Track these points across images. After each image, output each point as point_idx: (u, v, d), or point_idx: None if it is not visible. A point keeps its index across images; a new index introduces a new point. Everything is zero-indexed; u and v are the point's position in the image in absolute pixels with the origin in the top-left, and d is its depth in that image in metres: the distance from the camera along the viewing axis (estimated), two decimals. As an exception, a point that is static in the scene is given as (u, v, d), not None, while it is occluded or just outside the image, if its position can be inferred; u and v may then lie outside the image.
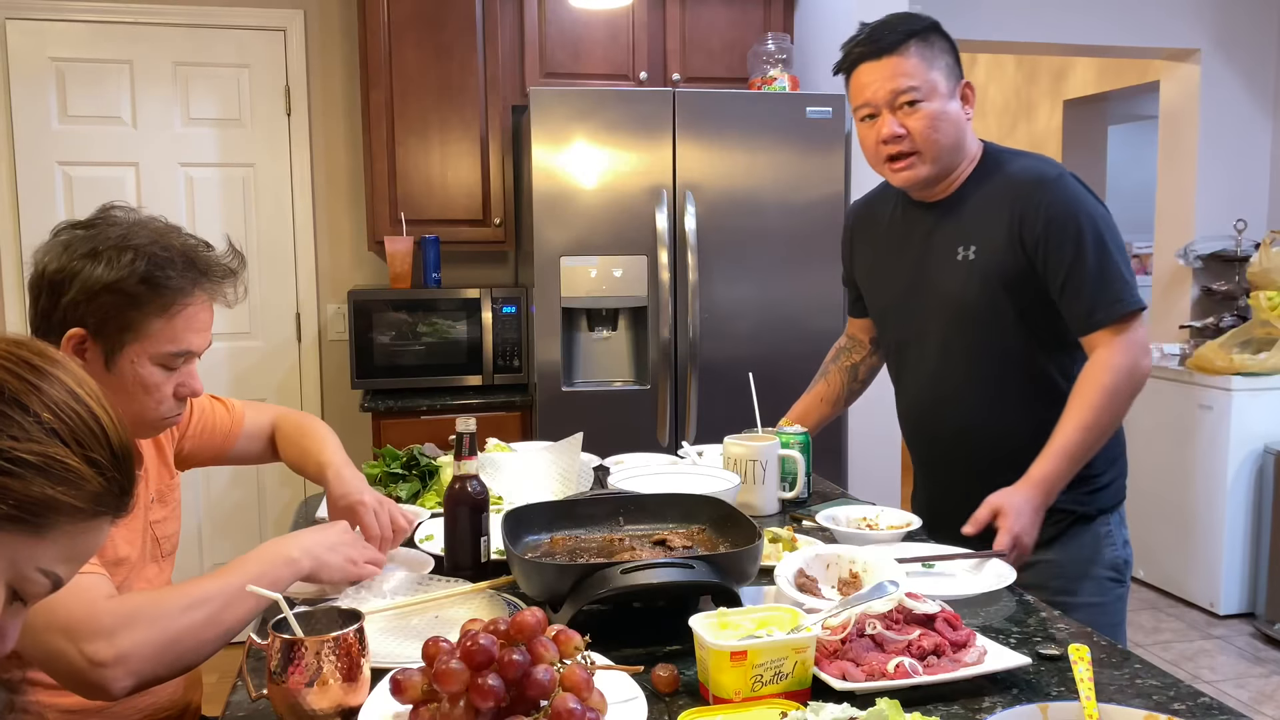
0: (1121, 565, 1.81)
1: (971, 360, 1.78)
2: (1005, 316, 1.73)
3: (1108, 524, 1.80)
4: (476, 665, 0.94)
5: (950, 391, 1.82)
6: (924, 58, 1.69)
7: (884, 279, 1.93)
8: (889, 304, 1.93)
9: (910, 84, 1.68)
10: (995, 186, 1.74)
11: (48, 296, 1.30)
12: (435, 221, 3.55)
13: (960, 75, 1.74)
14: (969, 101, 1.75)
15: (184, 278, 1.32)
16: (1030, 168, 1.74)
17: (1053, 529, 1.74)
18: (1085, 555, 1.77)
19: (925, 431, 1.92)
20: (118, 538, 1.38)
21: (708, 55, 3.70)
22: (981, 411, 1.79)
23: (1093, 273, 1.65)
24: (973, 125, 1.78)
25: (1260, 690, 3.39)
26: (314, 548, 1.32)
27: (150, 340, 1.31)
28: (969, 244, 1.74)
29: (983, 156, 1.78)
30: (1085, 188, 1.71)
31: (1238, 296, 4.27)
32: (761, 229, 3.24)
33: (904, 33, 1.69)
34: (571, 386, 3.24)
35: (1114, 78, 5.29)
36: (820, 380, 2.12)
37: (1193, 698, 1.09)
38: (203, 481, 3.77)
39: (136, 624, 1.12)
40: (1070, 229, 1.66)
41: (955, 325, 1.78)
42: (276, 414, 1.80)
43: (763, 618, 1.12)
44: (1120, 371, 1.64)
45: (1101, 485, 1.79)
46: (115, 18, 3.58)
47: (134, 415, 1.35)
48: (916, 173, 1.73)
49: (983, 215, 1.74)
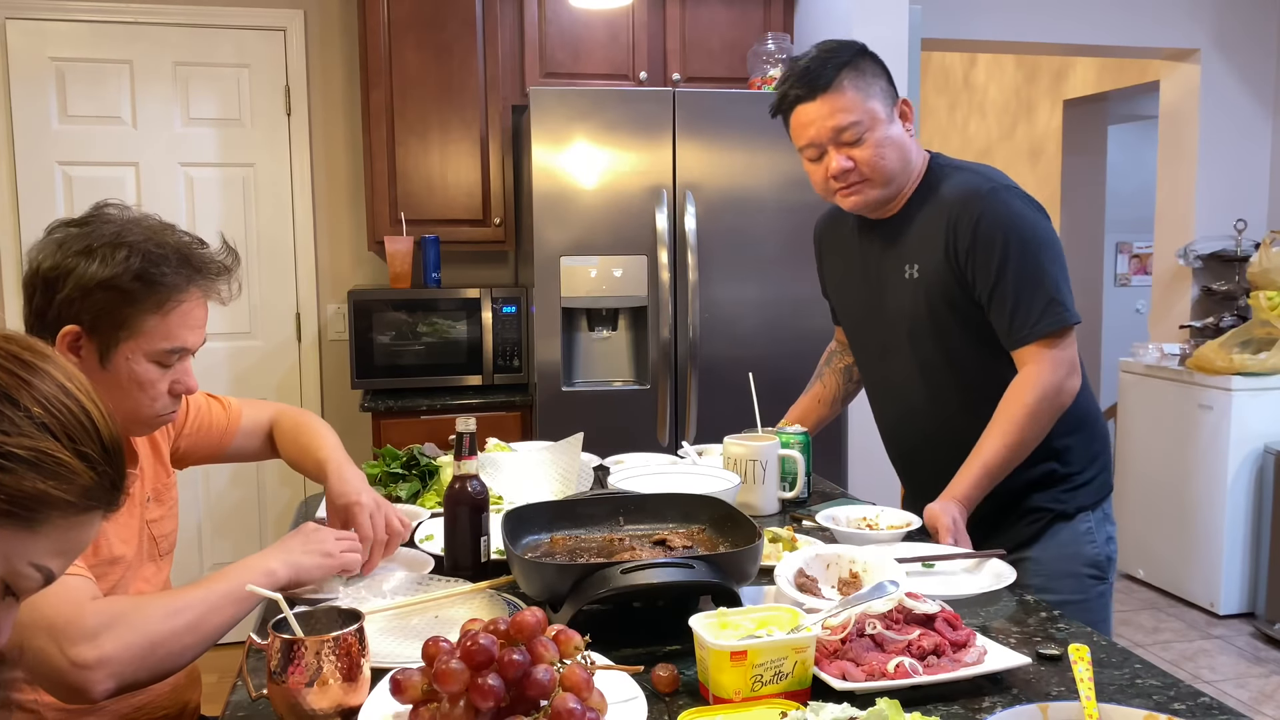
0: (1103, 562, 1.80)
1: (929, 374, 1.80)
2: (954, 332, 1.75)
3: (1088, 521, 1.80)
4: (476, 665, 0.94)
5: (915, 405, 1.84)
6: (859, 88, 1.69)
7: (848, 295, 1.97)
8: (854, 320, 1.97)
9: (851, 120, 1.68)
10: (934, 204, 1.75)
11: (42, 294, 1.30)
12: (435, 221, 3.55)
13: (895, 95, 1.74)
14: (908, 118, 1.76)
15: (178, 274, 1.32)
16: (964, 183, 1.74)
17: (1030, 528, 1.77)
18: (1065, 553, 1.77)
19: (897, 444, 1.95)
20: (113, 536, 1.38)
21: (708, 55, 3.70)
22: (946, 423, 1.80)
23: (1016, 287, 1.65)
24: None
25: (1260, 690, 3.39)
26: (288, 556, 1.33)
27: (145, 337, 1.32)
28: (913, 263, 1.77)
29: (927, 172, 1.78)
30: (1026, 201, 1.71)
31: (1238, 296, 4.27)
32: (761, 229, 3.24)
33: (835, 67, 1.69)
34: (571, 386, 3.24)
35: (1114, 78, 5.29)
36: (816, 382, 2.14)
37: (1193, 698, 1.09)
38: (202, 481, 3.77)
39: (120, 627, 1.13)
40: (996, 242, 1.66)
41: (911, 341, 1.80)
42: (275, 411, 1.80)
43: (763, 618, 1.12)
44: (1045, 389, 1.64)
45: (1081, 483, 1.79)
46: (115, 18, 3.58)
47: (129, 412, 1.35)
48: (866, 197, 1.75)
49: (922, 234, 1.76)
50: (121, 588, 1.39)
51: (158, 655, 1.16)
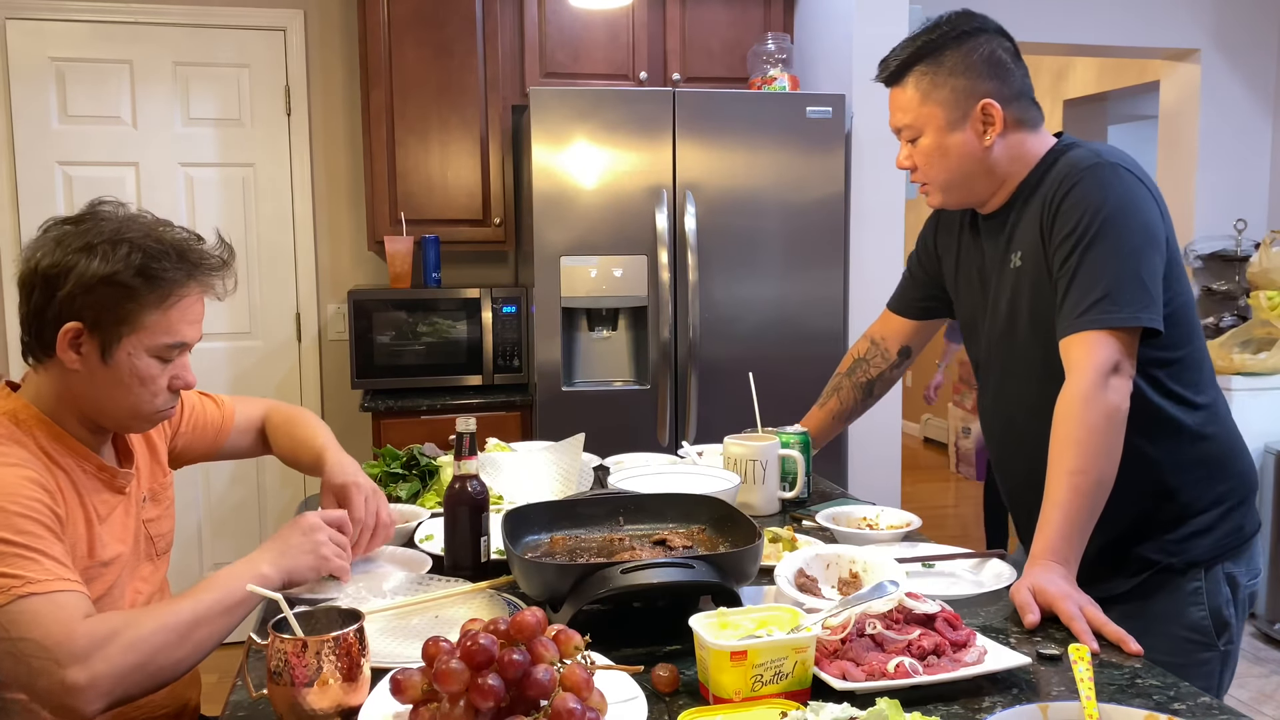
0: (1207, 628, 1.51)
1: (1035, 376, 1.56)
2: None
3: (1198, 579, 1.52)
4: (476, 665, 0.94)
5: (1017, 411, 1.64)
6: (922, 88, 1.56)
7: (962, 291, 1.76)
8: (964, 323, 1.77)
9: (905, 121, 1.59)
10: (1041, 186, 1.55)
11: (41, 292, 1.30)
12: (435, 221, 3.55)
13: (982, 94, 1.54)
14: (992, 123, 1.55)
15: (178, 270, 1.33)
16: (1073, 158, 1.52)
17: (1128, 582, 1.53)
18: (1158, 610, 1.51)
19: (1005, 477, 1.73)
20: (109, 536, 1.38)
21: (708, 55, 3.70)
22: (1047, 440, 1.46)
23: (1077, 270, 1.44)
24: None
25: (1260, 690, 3.39)
26: (278, 558, 1.32)
27: (146, 332, 1.32)
28: (1017, 250, 1.58)
29: (1040, 160, 1.58)
30: (1132, 183, 1.47)
31: (1238, 296, 4.27)
32: (761, 229, 3.24)
33: (911, 59, 1.57)
34: (571, 386, 3.24)
35: (1114, 78, 5.29)
36: (833, 396, 2.02)
37: (1193, 698, 1.09)
38: (203, 481, 3.77)
39: (110, 647, 1.13)
40: (1076, 217, 1.45)
41: (1015, 338, 1.60)
42: (267, 407, 1.81)
43: (763, 618, 1.12)
44: (1071, 400, 1.39)
45: (1194, 530, 1.52)
46: (115, 17, 3.58)
47: (130, 408, 1.36)
48: (931, 199, 1.65)
49: (1025, 218, 1.57)
50: (119, 587, 1.39)
51: (148, 671, 1.17)
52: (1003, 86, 1.56)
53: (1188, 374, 1.54)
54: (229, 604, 1.24)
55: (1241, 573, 1.56)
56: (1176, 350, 1.52)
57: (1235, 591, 1.55)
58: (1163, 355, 1.50)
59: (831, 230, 3.27)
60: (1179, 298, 1.51)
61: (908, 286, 1.93)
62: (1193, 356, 1.55)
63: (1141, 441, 1.47)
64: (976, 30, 1.57)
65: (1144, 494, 1.48)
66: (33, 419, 1.33)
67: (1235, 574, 1.55)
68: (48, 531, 1.21)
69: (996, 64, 1.56)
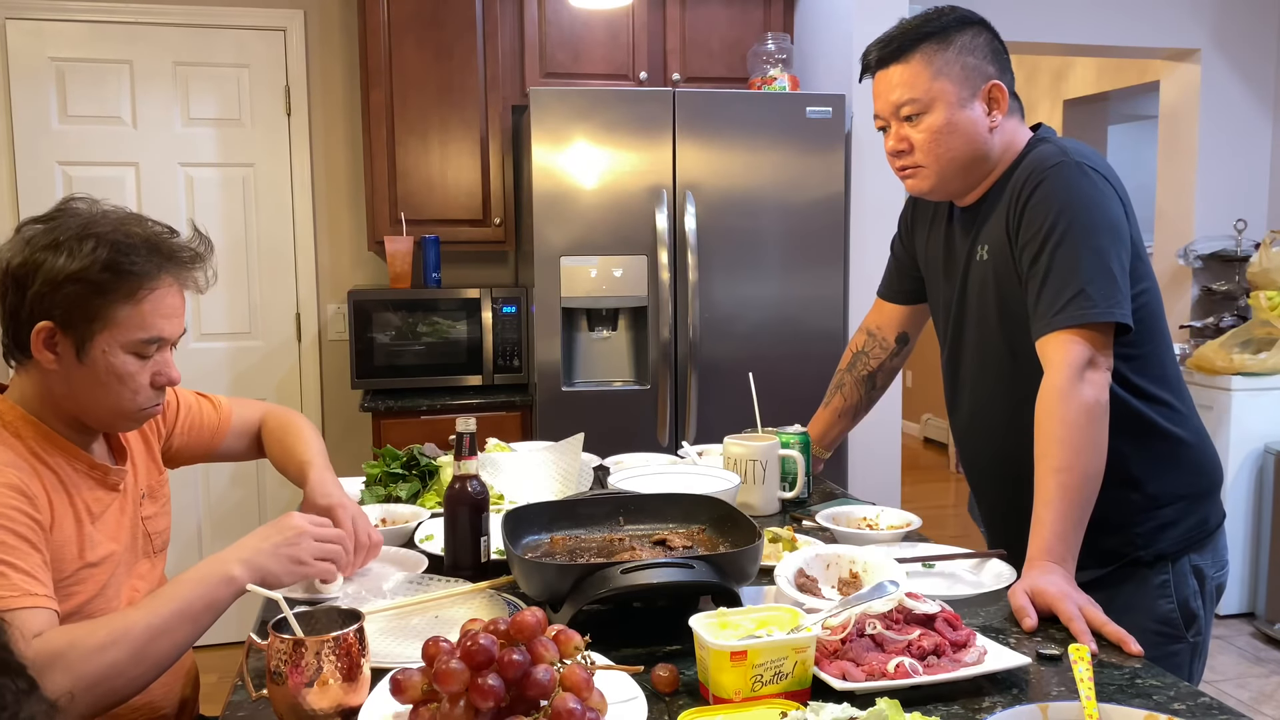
0: (1175, 620, 1.53)
1: (1001, 368, 1.61)
2: (1022, 320, 1.53)
3: (1165, 573, 1.54)
4: (476, 665, 0.94)
5: (983, 400, 1.67)
6: (931, 63, 1.54)
7: (933, 279, 1.78)
8: (935, 309, 1.80)
9: (910, 96, 1.55)
10: (1010, 181, 1.57)
11: (14, 292, 1.29)
12: (435, 221, 3.55)
13: (989, 75, 1.56)
14: (998, 105, 1.56)
15: (149, 262, 1.31)
16: (1040, 154, 1.54)
17: (1093, 573, 1.50)
18: (1125, 603, 1.50)
19: (966, 456, 1.77)
20: (100, 535, 1.37)
21: (708, 55, 3.70)
22: (1015, 434, 1.54)
23: (1048, 269, 1.45)
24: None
25: (1260, 690, 3.39)
26: (254, 558, 1.28)
27: (119, 328, 1.30)
28: (984, 244, 1.60)
29: (1018, 155, 1.59)
30: (1098, 180, 1.50)
31: (1238, 296, 4.27)
32: (761, 229, 3.24)
33: (918, 35, 1.56)
34: (571, 386, 3.24)
35: (1114, 78, 5.29)
36: (836, 394, 2.02)
37: (1193, 698, 1.09)
38: (202, 481, 3.77)
39: (54, 671, 1.10)
40: (1043, 216, 1.47)
41: (980, 331, 1.64)
42: (263, 411, 1.81)
43: (763, 618, 1.12)
44: (1049, 397, 1.41)
45: (1160, 523, 1.54)
46: (115, 18, 3.58)
47: (112, 407, 1.34)
48: (919, 185, 1.62)
49: (994, 212, 1.59)
50: (113, 586, 1.38)
51: (97, 693, 1.13)
52: (1003, 74, 1.59)
53: (1151, 369, 1.55)
54: (194, 611, 1.20)
55: (1208, 565, 1.58)
56: (1140, 346, 1.53)
57: (1202, 584, 1.57)
58: (1127, 351, 1.51)
59: (831, 230, 3.27)
60: (1144, 295, 1.53)
61: (893, 271, 1.94)
62: (1156, 352, 1.56)
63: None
64: (975, 21, 1.61)
65: (1109, 486, 1.44)
66: (19, 419, 1.32)
67: (1202, 566, 1.57)
68: (22, 541, 1.19)
69: (997, 52, 1.60)
